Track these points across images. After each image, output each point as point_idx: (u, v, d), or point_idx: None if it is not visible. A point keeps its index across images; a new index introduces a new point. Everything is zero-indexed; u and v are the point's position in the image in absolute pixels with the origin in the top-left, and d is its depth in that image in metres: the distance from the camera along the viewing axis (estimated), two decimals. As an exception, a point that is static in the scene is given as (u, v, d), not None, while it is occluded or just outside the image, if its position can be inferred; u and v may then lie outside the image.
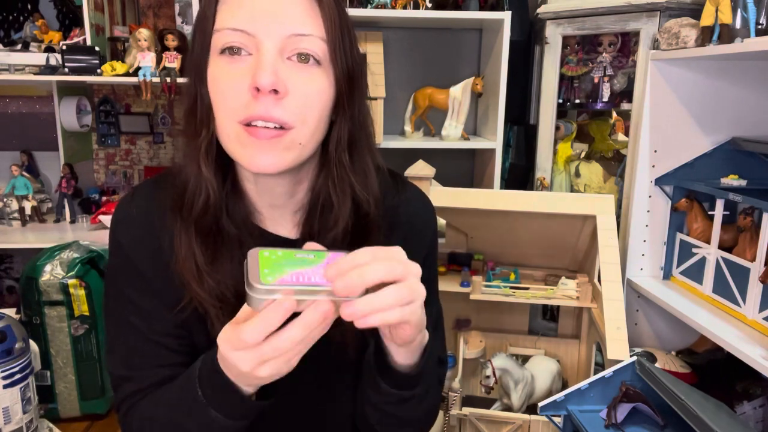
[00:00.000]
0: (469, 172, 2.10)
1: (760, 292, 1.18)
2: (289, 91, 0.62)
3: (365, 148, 0.72)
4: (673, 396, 0.88)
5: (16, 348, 1.22)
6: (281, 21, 0.62)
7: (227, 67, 0.63)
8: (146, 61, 1.72)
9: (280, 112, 0.62)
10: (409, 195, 0.83)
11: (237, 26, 0.62)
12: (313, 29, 0.63)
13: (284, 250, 0.55)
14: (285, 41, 0.62)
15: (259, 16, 0.61)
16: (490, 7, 1.80)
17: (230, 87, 0.62)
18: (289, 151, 0.64)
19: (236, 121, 0.63)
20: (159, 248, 0.71)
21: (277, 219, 0.75)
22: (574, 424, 0.98)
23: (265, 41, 0.61)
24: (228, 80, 0.63)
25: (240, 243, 0.71)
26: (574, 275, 1.47)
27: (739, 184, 1.35)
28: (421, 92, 1.87)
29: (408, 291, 0.55)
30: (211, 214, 0.69)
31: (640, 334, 1.62)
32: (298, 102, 0.63)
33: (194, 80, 0.67)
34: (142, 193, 0.76)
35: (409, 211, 0.81)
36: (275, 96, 0.61)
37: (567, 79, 1.81)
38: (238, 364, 0.55)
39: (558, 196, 1.51)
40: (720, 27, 1.25)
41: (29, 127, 2.12)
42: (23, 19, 2.04)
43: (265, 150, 0.63)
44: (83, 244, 1.58)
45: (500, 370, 1.33)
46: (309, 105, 0.64)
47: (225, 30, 0.63)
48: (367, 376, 0.71)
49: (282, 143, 0.63)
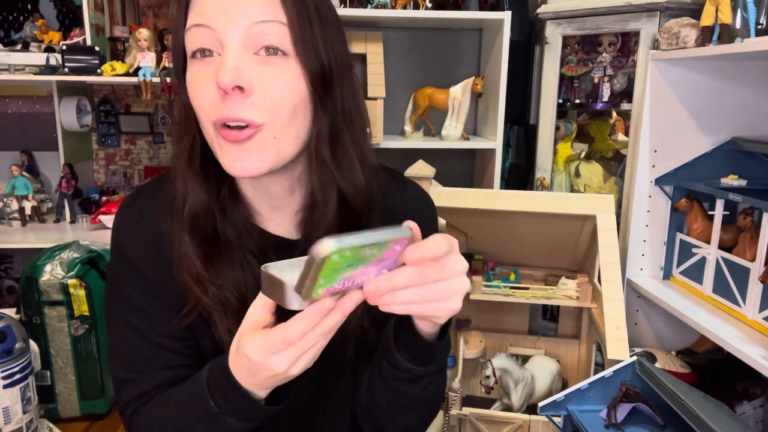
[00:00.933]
0: (469, 172, 2.10)
1: (760, 292, 1.18)
2: (254, 87, 0.60)
3: (349, 142, 0.69)
4: (673, 396, 0.88)
5: (16, 348, 1.22)
6: (241, 11, 0.60)
7: (200, 70, 0.62)
8: (146, 61, 1.72)
9: (246, 111, 0.60)
10: (410, 193, 0.83)
11: (200, 21, 0.61)
12: (273, 15, 0.61)
13: (354, 248, 0.47)
14: (247, 32, 0.60)
15: (221, 9, 0.60)
16: (490, 7, 1.80)
17: (202, 89, 0.62)
18: (266, 149, 0.62)
19: (211, 123, 0.62)
20: (161, 252, 0.71)
21: (278, 220, 0.74)
22: (574, 424, 0.98)
23: (228, 36, 0.60)
24: (199, 83, 0.62)
25: (241, 246, 0.70)
26: (574, 275, 1.47)
27: (739, 184, 1.35)
28: (421, 92, 1.87)
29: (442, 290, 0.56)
30: (202, 219, 0.68)
31: (640, 334, 1.62)
32: (265, 98, 0.61)
33: (177, 85, 0.68)
34: (143, 195, 0.75)
35: (411, 209, 0.80)
36: (241, 94, 0.60)
37: (567, 79, 1.81)
38: (275, 366, 0.56)
39: (558, 196, 1.51)
40: (720, 27, 1.25)
41: (29, 127, 2.12)
42: (23, 19, 2.05)
43: (242, 153, 0.62)
44: (83, 244, 1.58)
45: (500, 370, 1.33)
46: (278, 99, 0.62)
47: (191, 28, 0.62)
48: (385, 347, 0.70)
49: (255, 143, 0.62)
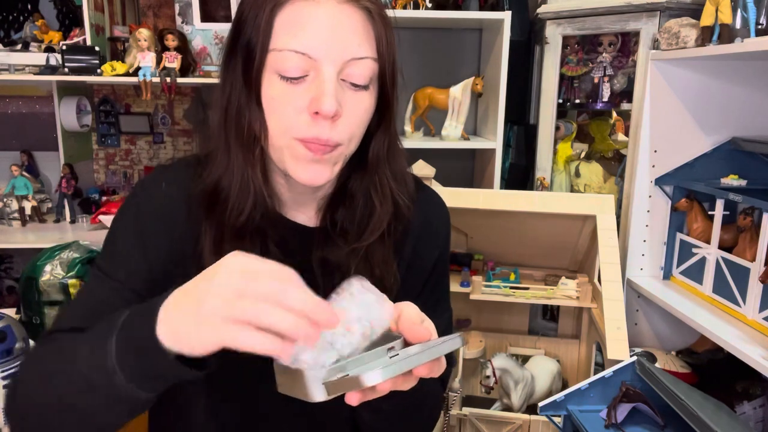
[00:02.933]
0: (469, 172, 2.10)
1: (760, 292, 1.18)
2: (343, 113, 0.65)
3: (400, 154, 0.77)
4: (673, 396, 0.88)
5: (16, 348, 1.22)
6: (341, 45, 0.64)
7: (290, 89, 0.64)
8: (146, 61, 1.72)
9: (334, 134, 0.65)
10: (425, 195, 0.86)
11: (300, 49, 0.63)
12: (368, 51, 0.66)
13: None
14: (343, 65, 0.64)
15: (322, 40, 0.63)
16: (490, 7, 1.79)
17: (289, 108, 0.65)
18: (337, 164, 0.69)
19: (292, 137, 0.65)
20: (172, 221, 0.72)
21: (299, 208, 0.77)
22: (574, 424, 0.98)
23: (326, 66, 0.63)
24: (287, 101, 0.65)
25: (262, 232, 0.72)
26: (574, 275, 1.47)
27: (739, 184, 1.35)
28: (421, 92, 1.87)
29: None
30: (251, 218, 0.71)
31: (640, 334, 1.62)
32: (350, 122, 0.66)
33: (241, 92, 0.68)
34: (176, 170, 0.77)
35: (425, 212, 0.84)
36: (332, 119, 0.64)
37: (567, 79, 1.81)
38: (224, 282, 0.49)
39: (558, 196, 1.50)
40: (720, 27, 1.25)
41: (29, 127, 2.11)
42: (23, 19, 2.04)
43: (316, 164, 0.67)
44: (83, 244, 1.58)
45: (500, 370, 1.33)
46: (358, 124, 0.68)
47: (286, 51, 0.63)
48: None
49: (332, 158, 0.67)
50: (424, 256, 0.83)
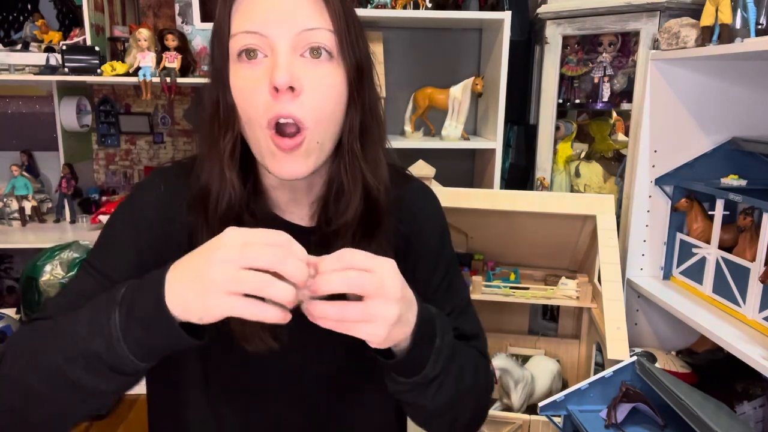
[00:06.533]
0: (469, 172, 2.10)
1: (760, 292, 1.18)
2: (303, 87, 0.64)
3: (376, 138, 0.75)
4: (673, 396, 0.88)
5: (16, 348, 1.22)
6: (291, 19, 0.64)
7: (247, 72, 0.65)
8: (146, 61, 1.72)
9: (296, 109, 0.64)
10: (413, 185, 0.87)
11: (251, 29, 0.65)
12: (320, 23, 0.65)
13: None
14: (296, 38, 0.65)
15: (271, 18, 0.64)
16: (490, 7, 1.80)
17: (252, 91, 0.65)
18: (311, 153, 0.67)
19: (264, 127, 0.65)
20: (168, 222, 0.72)
21: (294, 209, 0.77)
22: (574, 424, 0.98)
23: (279, 41, 0.64)
24: (249, 84, 0.65)
25: None
26: (574, 275, 1.47)
27: (739, 184, 1.35)
28: (421, 92, 1.87)
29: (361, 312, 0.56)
30: (234, 213, 0.71)
31: (640, 334, 1.62)
32: (312, 98, 0.65)
33: (216, 86, 0.70)
34: (174, 172, 0.77)
35: (414, 200, 0.85)
36: (292, 93, 0.64)
37: (567, 79, 1.81)
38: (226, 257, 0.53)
39: (558, 196, 1.50)
40: (720, 27, 1.25)
41: (29, 127, 2.12)
42: (23, 19, 2.04)
43: (290, 158, 0.66)
44: (83, 244, 1.58)
45: (500, 370, 1.33)
46: (323, 100, 0.66)
47: (240, 34, 0.65)
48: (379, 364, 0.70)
49: (303, 149, 0.66)
50: (425, 244, 0.84)
